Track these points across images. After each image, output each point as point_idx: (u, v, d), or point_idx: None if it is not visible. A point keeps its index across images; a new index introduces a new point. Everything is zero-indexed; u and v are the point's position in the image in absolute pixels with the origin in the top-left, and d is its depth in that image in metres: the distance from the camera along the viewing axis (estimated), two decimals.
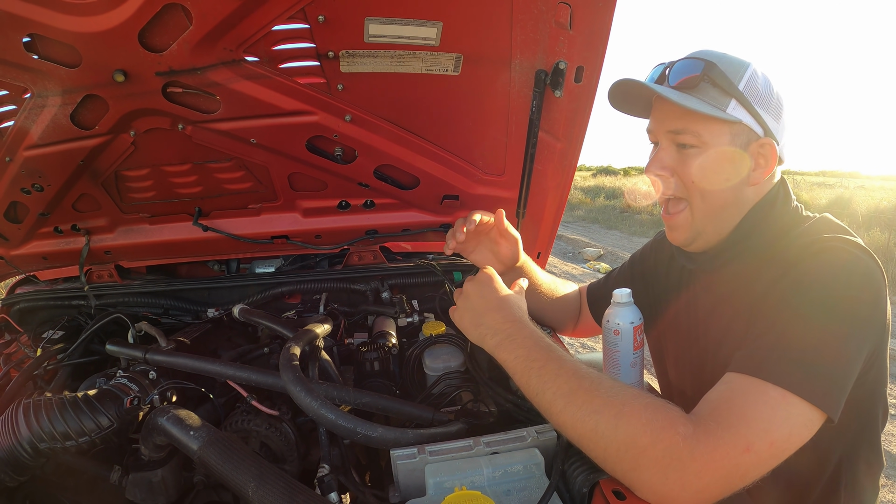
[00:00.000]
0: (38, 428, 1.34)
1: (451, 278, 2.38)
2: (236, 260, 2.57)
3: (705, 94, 1.34)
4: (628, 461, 1.05)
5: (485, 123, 1.87)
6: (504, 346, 1.31)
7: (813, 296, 1.16)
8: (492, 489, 1.17)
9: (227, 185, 2.09)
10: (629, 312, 1.54)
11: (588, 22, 1.47)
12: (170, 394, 1.61)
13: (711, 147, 1.35)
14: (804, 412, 1.05)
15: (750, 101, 1.32)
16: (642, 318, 1.56)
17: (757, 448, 1.01)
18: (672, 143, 1.42)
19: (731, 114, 1.32)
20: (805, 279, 1.20)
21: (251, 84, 1.62)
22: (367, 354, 1.82)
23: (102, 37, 1.40)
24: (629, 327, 1.52)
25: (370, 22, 1.48)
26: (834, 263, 1.20)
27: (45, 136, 1.70)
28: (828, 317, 1.13)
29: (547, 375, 1.19)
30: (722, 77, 1.32)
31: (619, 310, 1.54)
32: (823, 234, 1.29)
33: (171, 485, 1.45)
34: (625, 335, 1.52)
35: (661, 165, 1.43)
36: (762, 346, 1.14)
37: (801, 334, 1.12)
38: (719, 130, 1.34)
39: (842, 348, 1.11)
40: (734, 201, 1.41)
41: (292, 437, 1.55)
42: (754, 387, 1.07)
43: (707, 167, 1.37)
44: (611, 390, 1.12)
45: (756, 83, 1.33)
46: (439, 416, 1.48)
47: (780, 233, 1.38)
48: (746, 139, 1.35)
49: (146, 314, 2.26)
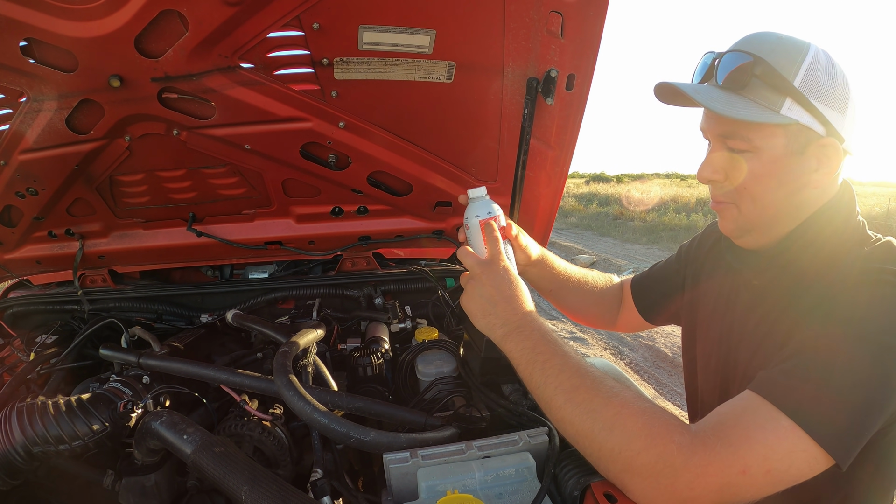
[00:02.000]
0: (31, 431, 1.34)
1: (443, 284, 2.38)
2: (230, 265, 2.57)
3: (756, 92, 1.19)
4: (621, 463, 1.05)
5: (477, 130, 1.88)
6: (511, 337, 1.28)
7: (851, 331, 1.06)
8: (484, 493, 1.18)
9: (222, 191, 2.09)
10: (476, 206, 1.46)
11: (579, 30, 1.48)
12: (163, 398, 1.62)
13: (765, 151, 1.21)
14: (810, 450, 1.00)
15: (808, 97, 1.15)
16: (494, 213, 1.46)
17: (753, 473, 1.00)
18: (723, 145, 1.28)
19: (785, 115, 1.16)
20: (848, 312, 1.09)
21: (246, 90, 1.64)
22: (359, 360, 1.82)
23: (99, 42, 1.42)
24: (475, 221, 1.44)
25: (364, 30, 1.49)
26: (883, 303, 1.08)
27: (40, 140, 1.71)
28: (860, 358, 1.03)
29: (550, 370, 1.18)
30: (773, 74, 1.16)
31: (468, 207, 1.47)
32: (888, 263, 1.15)
33: (164, 489, 1.46)
34: (473, 230, 1.45)
35: (713, 169, 1.31)
36: (785, 370, 1.08)
37: (827, 370, 1.04)
38: (773, 133, 1.19)
39: (867, 395, 1.03)
40: (789, 207, 1.27)
41: (285, 442, 1.56)
42: (766, 411, 1.03)
43: (760, 174, 1.23)
44: (611, 391, 1.11)
45: (815, 74, 1.16)
46: (431, 421, 1.49)
47: (839, 251, 1.24)
48: (805, 140, 1.19)
49: (140, 319, 2.26)
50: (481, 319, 1.37)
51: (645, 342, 8.05)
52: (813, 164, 1.21)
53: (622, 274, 13.01)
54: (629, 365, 7.16)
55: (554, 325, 8.99)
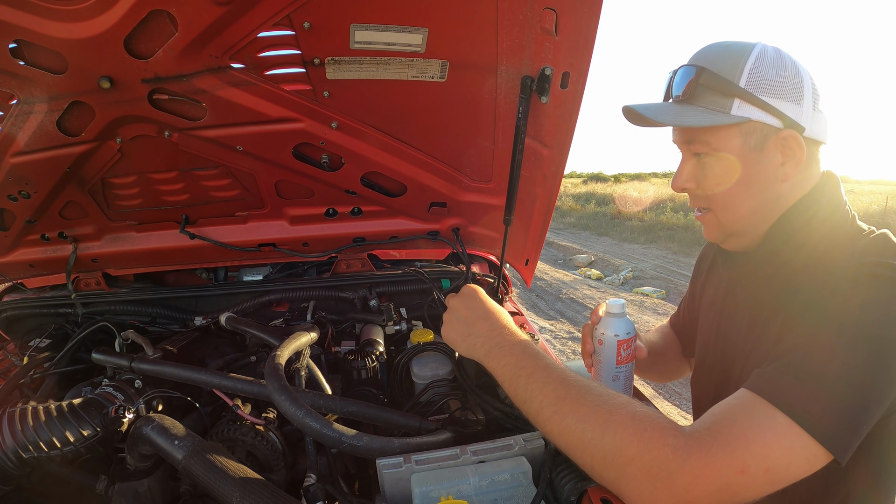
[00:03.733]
0: (22, 437, 1.33)
1: (439, 286, 2.37)
2: (224, 268, 2.56)
3: (704, 99, 1.28)
4: (615, 470, 1.04)
5: (472, 130, 1.87)
6: (493, 354, 1.30)
7: (846, 327, 1.07)
8: (478, 498, 1.17)
9: (214, 193, 2.08)
10: (617, 324, 1.48)
11: (573, 27, 1.47)
12: (156, 403, 1.61)
13: (724, 153, 1.28)
14: (808, 447, 1.00)
15: (756, 94, 1.22)
16: (633, 333, 1.50)
17: (752, 472, 0.99)
18: (690, 153, 1.36)
19: (735, 114, 1.23)
20: (843, 308, 1.10)
21: (237, 91, 1.62)
22: (354, 363, 1.81)
23: (88, 43, 1.40)
24: (613, 339, 1.46)
25: (355, 28, 1.48)
26: (879, 297, 1.09)
27: (31, 143, 1.70)
28: (854, 352, 1.04)
29: (535, 384, 1.18)
30: (716, 79, 1.25)
31: (607, 320, 1.50)
32: (883, 257, 1.15)
33: (157, 495, 1.44)
34: (608, 346, 1.47)
35: (685, 178, 1.38)
36: (780, 367, 1.09)
37: (822, 366, 1.05)
38: (727, 135, 1.27)
39: (863, 389, 1.03)
40: (764, 203, 1.31)
41: (279, 447, 1.54)
42: (763, 409, 1.04)
43: (722, 175, 1.31)
44: (598, 398, 1.11)
45: (761, 71, 1.22)
46: (426, 425, 1.47)
47: (831, 245, 1.26)
48: (762, 136, 1.25)
49: (133, 322, 2.25)
50: (462, 343, 1.41)
51: None
52: (777, 157, 1.27)
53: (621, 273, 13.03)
54: None
55: (552, 325, 8.99)
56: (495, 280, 2.36)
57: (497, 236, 2.37)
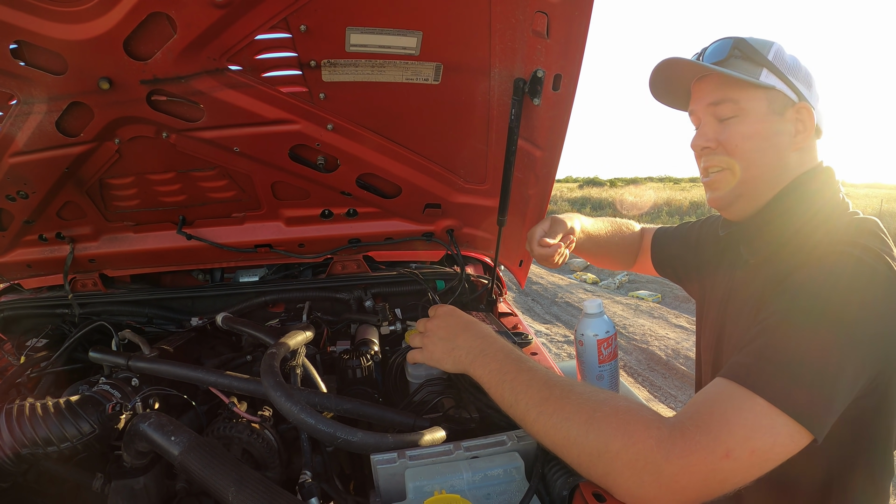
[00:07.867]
0: (19, 433, 1.33)
1: (433, 287, 2.38)
2: (220, 269, 2.57)
3: (737, 67, 1.41)
4: (601, 466, 1.06)
5: (465, 132, 1.89)
6: (478, 362, 1.32)
7: (813, 306, 1.13)
8: (472, 493, 1.17)
9: (211, 194, 2.10)
10: (595, 324, 1.49)
11: (564, 30, 1.49)
12: (152, 400, 1.61)
13: (750, 113, 1.41)
14: (789, 426, 1.03)
15: (780, 69, 1.40)
16: (612, 331, 1.52)
17: (737, 455, 1.00)
18: (713, 117, 1.48)
19: (764, 81, 1.39)
20: (803, 283, 1.19)
21: (234, 93, 1.64)
22: (349, 362, 1.82)
23: (88, 44, 1.42)
24: (593, 339, 1.48)
25: (351, 31, 1.50)
26: (837, 270, 1.18)
27: (30, 143, 1.71)
28: (822, 332, 1.09)
29: (519, 386, 1.20)
30: (751, 49, 1.41)
31: (586, 321, 1.51)
32: (858, 237, 1.25)
33: (153, 492, 1.45)
34: (588, 347, 1.49)
35: (706, 137, 1.48)
36: (752, 352, 1.12)
37: (791, 345, 1.10)
38: (756, 96, 1.41)
39: (833, 367, 1.08)
40: (776, 167, 1.44)
41: (274, 444, 1.55)
42: (741, 394, 1.06)
43: (749, 132, 1.42)
44: (581, 396, 1.13)
45: (783, 56, 1.41)
46: (420, 423, 1.48)
47: (818, 220, 1.38)
48: (783, 105, 1.40)
49: (130, 323, 2.25)
50: (447, 359, 1.42)
51: (639, 345, 8.07)
52: (791, 128, 1.42)
53: (616, 277, 13.05)
54: (623, 368, 7.17)
55: (548, 329, 9.01)
56: (489, 281, 2.37)
57: (491, 237, 2.38)
